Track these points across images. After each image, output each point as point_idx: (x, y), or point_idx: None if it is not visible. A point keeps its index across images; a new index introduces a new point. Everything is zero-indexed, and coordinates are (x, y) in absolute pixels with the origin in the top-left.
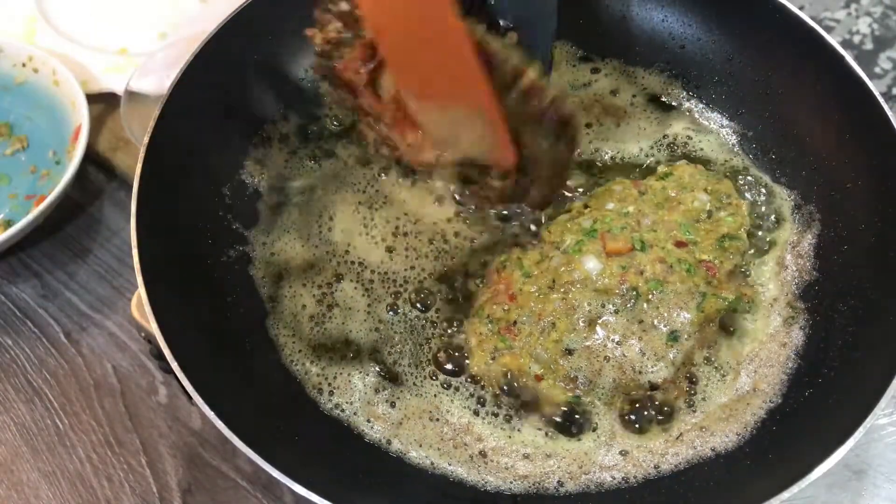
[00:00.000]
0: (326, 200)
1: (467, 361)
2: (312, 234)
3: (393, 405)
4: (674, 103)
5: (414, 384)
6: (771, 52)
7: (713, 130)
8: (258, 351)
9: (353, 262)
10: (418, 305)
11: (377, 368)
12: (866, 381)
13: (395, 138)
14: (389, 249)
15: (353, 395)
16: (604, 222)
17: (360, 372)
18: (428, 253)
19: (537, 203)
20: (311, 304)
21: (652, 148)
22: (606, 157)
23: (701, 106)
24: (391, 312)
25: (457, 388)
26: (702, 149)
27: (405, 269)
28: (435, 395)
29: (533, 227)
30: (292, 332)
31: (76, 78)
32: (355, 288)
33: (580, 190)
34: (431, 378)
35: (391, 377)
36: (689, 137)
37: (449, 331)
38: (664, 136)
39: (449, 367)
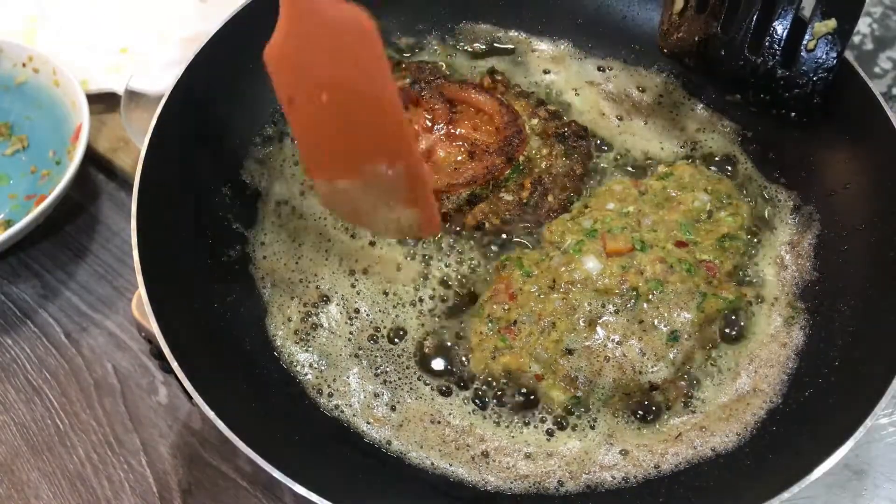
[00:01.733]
0: (300, 223)
1: (467, 362)
2: (292, 252)
3: (393, 409)
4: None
5: (410, 389)
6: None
7: (714, 130)
8: (258, 351)
9: (330, 288)
10: (395, 340)
11: (375, 377)
12: (866, 381)
13: None
14: (353, 285)
15: (352, 398)
16: (604, 222)
17: (359, 378)
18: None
19: (554, 211)
20: (296, 319)
21: (665, 149)
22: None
23: (701, 106)
24: (371, 342)
25: (457, 390)
26: (707, 148)
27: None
28: (433, 398)
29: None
30: (288, 336)
31: (76, 78)
32: (340, 313)
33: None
34: (429, 384)
35: (390, 385)
36: (697, 139)
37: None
38: (678, 138)
39: (447, 369)
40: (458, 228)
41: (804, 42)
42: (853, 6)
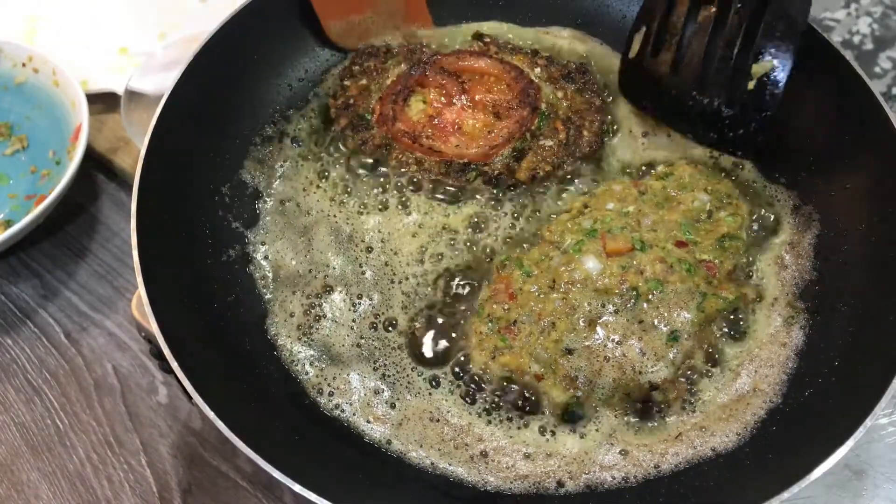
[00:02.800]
0: (308, 218)
1: (467, 361)
2: (299, 246)
3: (393, 406)
4: None
5: (409, 385)
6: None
7: None
8: (258, 351)
9: (337, 277)
10: (389, 328)
11: (374, 371)
12: (866, 381)
13: (439, 146)
14: (361, 264)
15: (352, 396)
16: (604, 222)
17: (360, 374)
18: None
19: (593, 143)
20: (298, 314)
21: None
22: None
23: None
24: (372, 329)
25: (456, 389)
26: (707, 148)
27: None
28: (433, 396)
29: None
30: (290, 333)
31: (76, 78)
32: (343, 301)
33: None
34: (429, 382)
35: (389, 379)
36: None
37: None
38: (678, 137)
39: (447, 367)
40: (515, 184)
41: (747, 83)
42: (787, 50)
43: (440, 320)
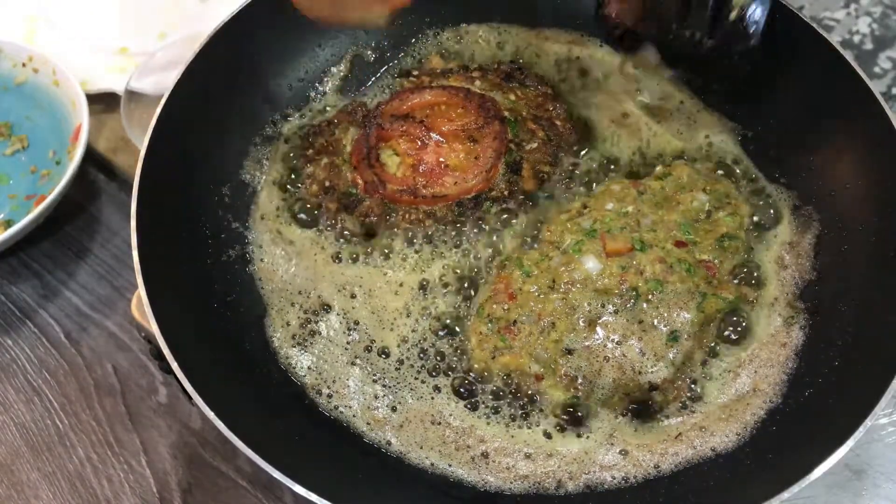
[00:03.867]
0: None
1: (468, 362)
2: (292, 260)
3: (394, 409)
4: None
5: (412, 391)
6: (771, 52)
7: (714, 131)
8: (258, 351)
9: (328, 299)
10: (383, 354)
11: (374, 383)
12: (866, 381)
13: (439, 191)
14: (353, 296)
15: (352, 400)
16: (603, 222)
17: (359, 381)
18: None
19: (570, 131)
20: (294, 325)
21: (666, 149)
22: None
23: (701, 106)
24: (367, 352)
25: (457, 392)
26: (707, 148)
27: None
28: (434, 399)
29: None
30: (286, 339)
31: (76, 78)
32: (340, 323)
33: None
34: (431, 388)
35: (389, 388)
36: (697, 139)
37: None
38: (678, 138)
39: (448, 370)
40: (526, 196)
41: (728, 15)
42: None
43: (436, 342)
